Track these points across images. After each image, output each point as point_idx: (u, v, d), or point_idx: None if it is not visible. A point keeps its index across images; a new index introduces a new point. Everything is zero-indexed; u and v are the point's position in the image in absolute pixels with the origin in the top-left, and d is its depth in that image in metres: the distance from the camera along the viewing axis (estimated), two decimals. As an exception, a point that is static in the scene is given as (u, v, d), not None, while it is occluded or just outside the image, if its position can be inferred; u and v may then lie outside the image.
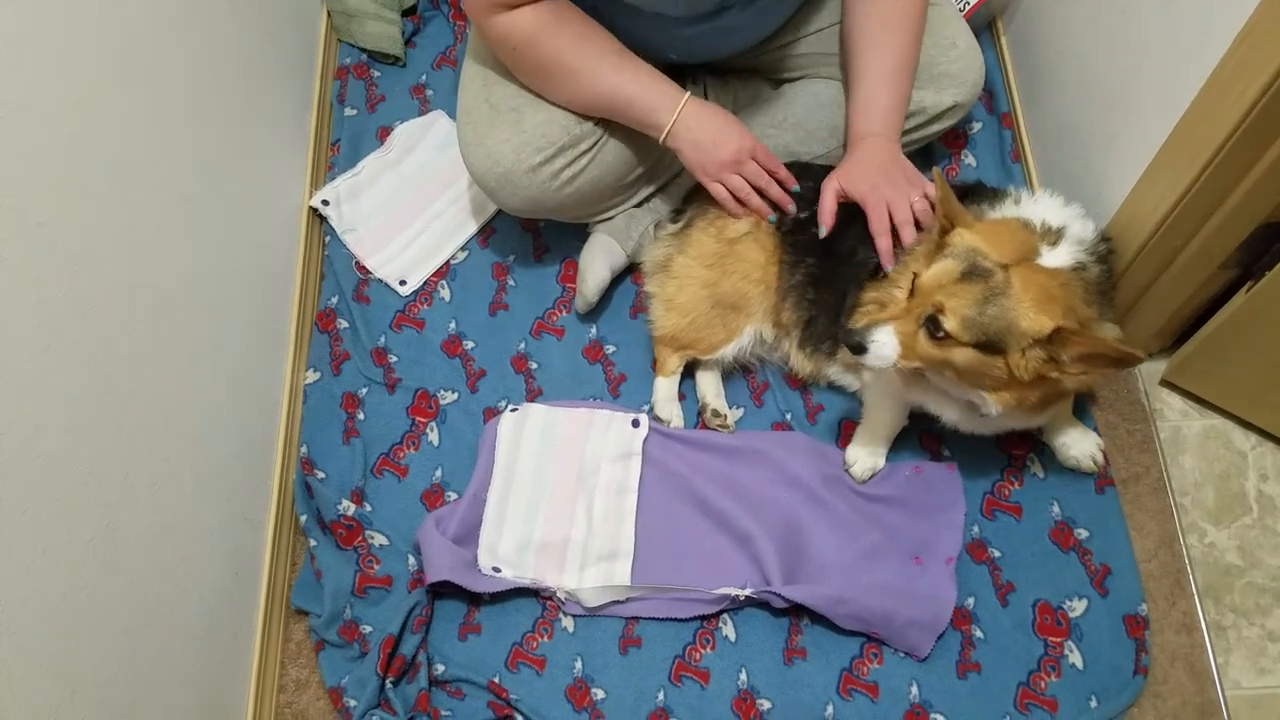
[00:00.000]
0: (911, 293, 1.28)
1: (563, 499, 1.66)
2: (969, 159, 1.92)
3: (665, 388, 1.73)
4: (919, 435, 1.68)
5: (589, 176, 1.64)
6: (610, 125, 1.62)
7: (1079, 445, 1.62)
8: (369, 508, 1.69)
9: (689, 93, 1.54)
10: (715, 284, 1.62)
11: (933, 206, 1.43)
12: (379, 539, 1.64)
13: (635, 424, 1.70)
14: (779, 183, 1.58)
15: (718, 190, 1.59)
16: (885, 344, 1.25)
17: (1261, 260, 1.47)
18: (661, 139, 1.55)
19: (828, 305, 1.58)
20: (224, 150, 1.68)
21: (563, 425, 1.73)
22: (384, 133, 2.07)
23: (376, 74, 2.16)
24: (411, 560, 1.63)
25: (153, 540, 1.35)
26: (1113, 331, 1.36)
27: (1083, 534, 1.59)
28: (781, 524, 1.61)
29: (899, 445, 1.68)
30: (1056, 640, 1.53)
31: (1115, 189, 1.52)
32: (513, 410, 1.73)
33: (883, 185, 1.48)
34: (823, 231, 1.52)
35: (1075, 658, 1.52)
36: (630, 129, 1.60)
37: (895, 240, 1.49)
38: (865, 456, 1.63)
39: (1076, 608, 1.55)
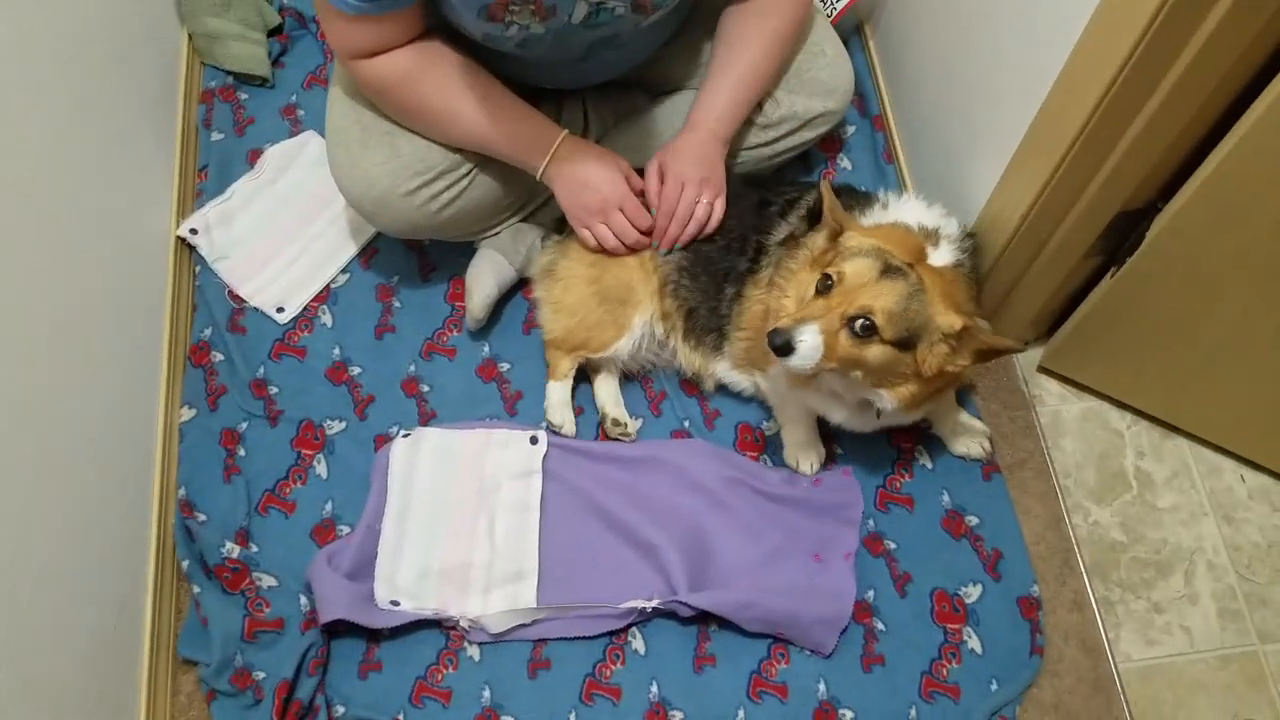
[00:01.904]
0: (820, 292, 1.27)
1: (463, 521, 1.62)
2: (845, 162, 1.94)
3: (558, 392, 1.68)
4: (813, 434, 1.69)
5: (469, 199, 1.61)
6: None
7: (967, 435, 1.66)
8: (255, 548, 1.61)
9: (564, 132, 1.53)
10: (598, 279, 1.60)
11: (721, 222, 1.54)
12: (267, 580, 1.58)
13: (534, 441, 1.67)
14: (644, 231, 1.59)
15: (583, 235, 1.59)
16: (812, 344, 1.23)
17: (1123, 247, 1.52)
18: (538, 177, 1.55)
19: (705, 294, 1.58)
20: (83, 181, 1.59)
21: (459, 447, 1.68)
22: (254, 156, 1.99)
23: (244, 96, 2.07)
24: (304, 600, 1.56)
25: (18, 593, 1.26)
26: (984, 324, 1.40)
27: (973, 521, 1.63)
28: (686, 531, 1.60)
29: (792, 446, 1.69)
30: (955, 627, 1.56)
31: (981, 185, 1.55)
32: (405, 435, 1.68)
33: (689, 173, 1.52)
34: (653, 214, 1.56)
35: (974, 643, 1.55)
36: None
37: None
38: (805, 453, 1.63)
39: (972, 593, 1.58)
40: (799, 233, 1.52)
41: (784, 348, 1.23)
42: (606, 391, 1.71)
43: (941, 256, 1.34)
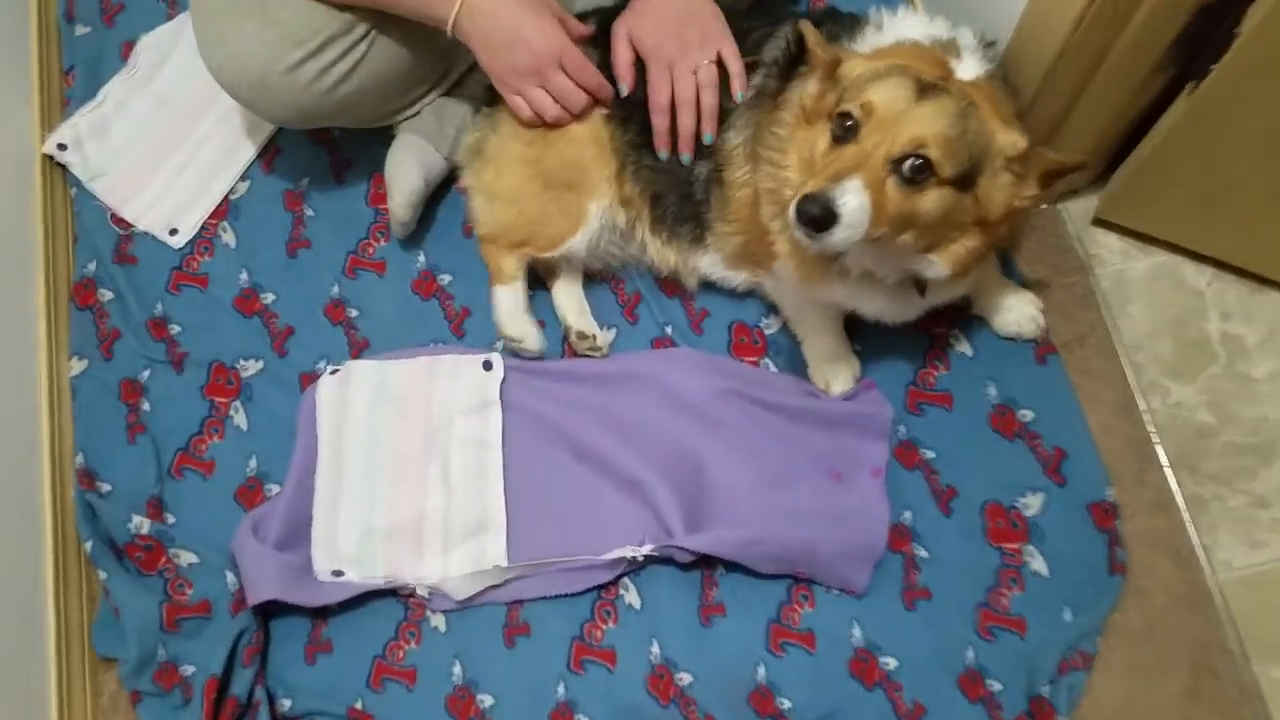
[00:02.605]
0: (839, 141, 1.03)
1: (410, 468, 1.38)
2: None
3: (508, 299, 1.42)
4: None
5: (370, 70, 1.34)
6: None
7: (1017, 308, 1.40)
8: (170, 519, 1.40)
9: None
10: (539, 160, 1.34)
11: (723, 68, 1.25)
12: (187, 557, 1.37)
13: (488, 366, 1.42)
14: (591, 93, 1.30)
15: (515, 103, 1.30)
16: (858, 206, 0.97)
17: (1203, 55, 1.23)
18: (448, 32, 1.25)
19: (670, 176, 1.32)
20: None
21: (399, 380, 1.43)
22: (129, 49, 1.72)
23: None
24: (231, 577, 1.33)
25: None
26: None
27: (1027, 415, 1.38)
28: (675, 458, 1.36)
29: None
30: (1014, 546, 1.31)
31: None
32: (333, 371, 1.43)
33: (670, 46, 1.24)
34: (624, 89, 1.29)
35: (1039, 564, 1.30)
36: None
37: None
38: (837, 369, 1.38)
39: (1032, 504, 1.33)
40: (771, 89, 1.23)
41: (824, 219, 0.96)
42: (568, 298, 1.46)
43: (968, 69, 1.09)
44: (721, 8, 1.29)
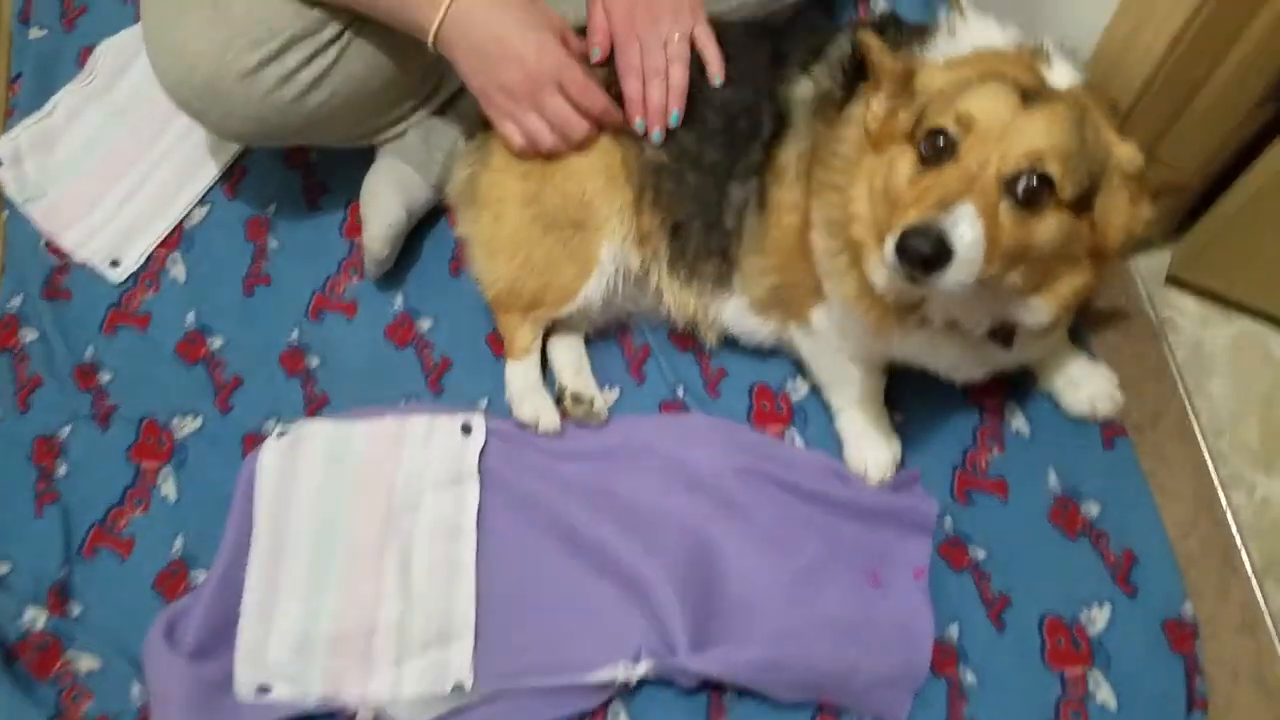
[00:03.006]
0: (929, 164, 0.88)
1: (364, 560, 1.18)
2: None
3: (520, 376, 1.26)
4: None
5: (343, 79, 1.20)
6: None
7: (1091, 383, 1.25)
8: (75, 610, 1.22)
9: None
10: (537, 197, 1.19)
11: (693, 45, 1.15)
12: (87, 662, 1.17)
13: (466, 429, 1.24)
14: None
15: (506, 130, 1.14)
16: (975, 240, 0.83)
17: None
18: (429, 44, 1.10)
19: (697, 202, 1.17)
20: None
21: (359, 446, 1.25)
22: (88, 54, 1.61)
23: None
24: (138, 689, 1.15)
25: None
26: None
27: (1093, 509, 1.23)
28: (684, 551, 1.18)
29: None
30: (1077, 671, 1.13)
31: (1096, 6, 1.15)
32: (280, 434, 1.24)
33: (641, 16, 1.13)
34: (596, 54, 1.16)
35: (1105, 694, 1.11)
36: None
37: None
38: (872, 450, 1.21)
39: (1098, 619, 1.16)
40: (835, 98, 1.08)
41: (935, 256, 0.81)
42: (565, 353, 1.30)
43: (1062, 76, 0.96)
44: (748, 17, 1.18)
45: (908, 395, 1.27)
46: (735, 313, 1.24)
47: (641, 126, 1.14)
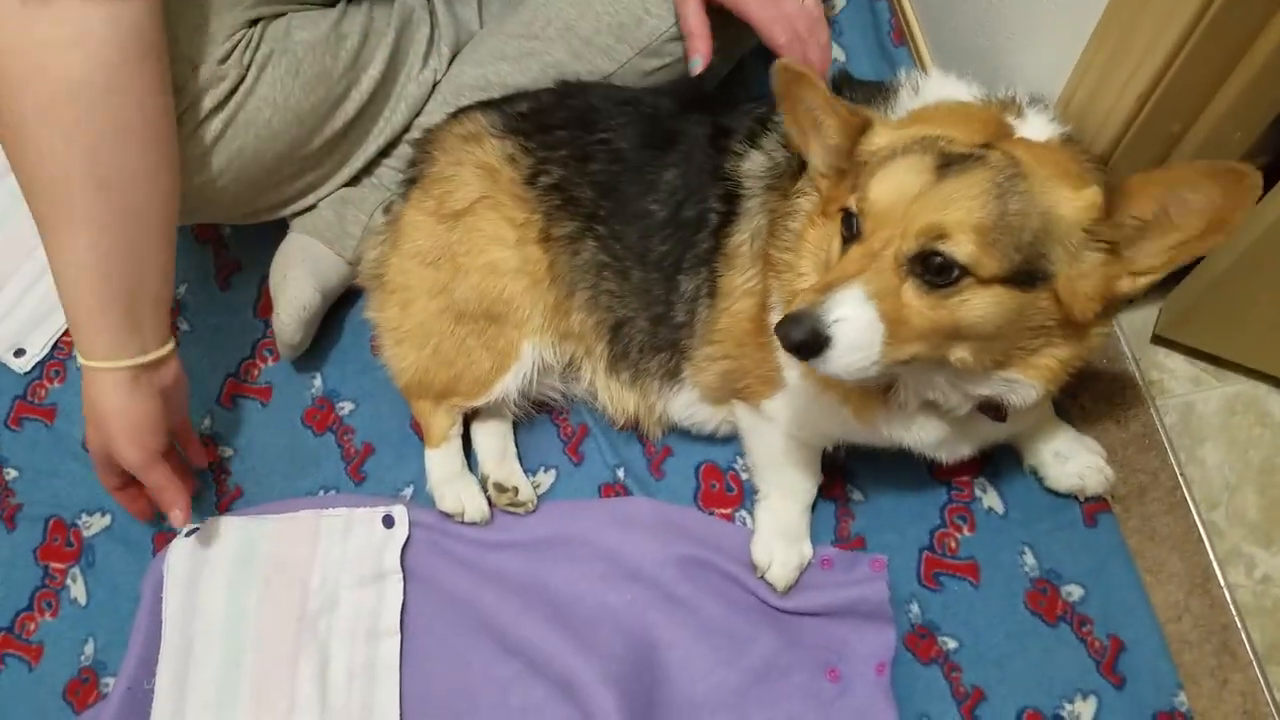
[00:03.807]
0: (849, 241, 0.85)
1: (277, 668, 1.13)
2: (834, 51, 1.44)
3: (440, 464, 1.21)
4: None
5: (232, 145, 1.11)
6: (275, 35, 1.10)
7: (1078, 456, 1.18)
8: None
9: (170, 345, 1.06)
10: (448, 288, 1.13)
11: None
12: None
13: (389, 522, 1.19)
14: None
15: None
16: (860, 324, 0.80)
17: None
18: (78, 361, 1.03)
19: (644, 298, 1.11)
20: None
21: (272, 543, 1.20)
22: None
23: None
24: None
25: None
26: None
27: (1074, 593, 1.16)
28: (622, 648, 1.12)
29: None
30: None
31: (1054, 55, 1.08)
32: (189, 532, 1.18)
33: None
34: (698, 65, 1.10)
35: None
36: (308, 43, 1.12)
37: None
38: (783, 548, 1.15)
39: (1082, 713, 1.10)
40: (785, 170, 1.02)
41: (809, 343, 0.80)
42: (488, 438, 1.25)
43: (1035, 128, 0.90)
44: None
45: (868, 471, 1.20)
46: (685, 405, 1.18)
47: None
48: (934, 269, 0.79)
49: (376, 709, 1.08)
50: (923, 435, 1.01)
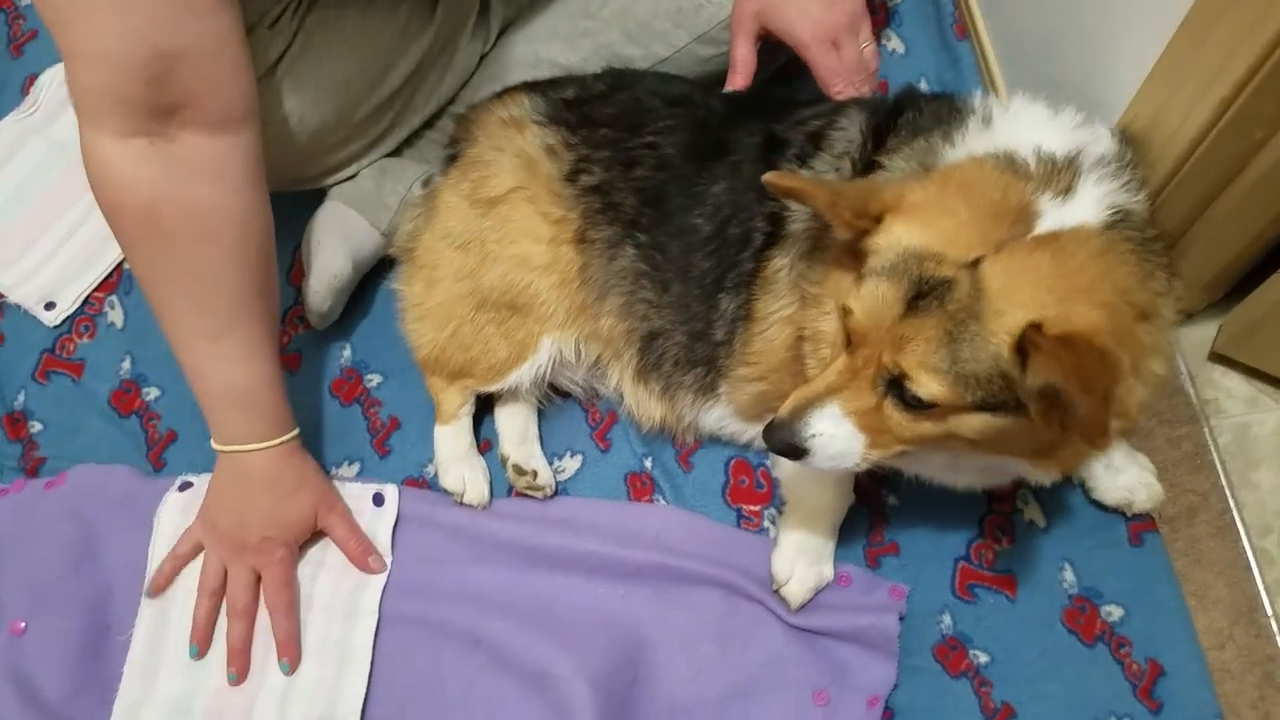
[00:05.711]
0: (847, 341, 0.88)
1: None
2: (893, 42, 1.48)
3: (449, 442, 1.23)
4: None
5: (281, 110, 1.14)
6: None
7: (1129, 470, 1.18)
8: None
9: (294, 432, 1.13)
10: (475, 273, 1.15)
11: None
12: None
13: (379, 500, 1.23)
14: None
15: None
16: (838, 437, 0.87)
17: None
18: (212, 443, 1.13)
19: (682, 311, 1.12)
20: None
21: None
22: (32, 82, 1.57)
23: (24, 2, 1.65)
24: None
25: None
26: (1176, 293, 0.93)
27: (1114, 613, 1.16)
28: (604, 643, 1.14)
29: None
30: None
31: (1125, 68, 1.07)
32: (183, 488, 1.22)
33: (823, 16, 1.12)
34: (738, 82, 1.16)
35: None
36: (358, 9, 1.15)
37: None
38: (804, 566, 1.15)
39: None
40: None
41: (792, 450, 0.88)
42: (510, 419, 1.26)
43: (1081, 209, 0.85)
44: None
45: (906, 476, 1.18)
46: (719, 419, 1.19)
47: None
48: (908, 397, 0.82)
49: (345, 686, 1.11)
50: (953, 477, 1.03)
